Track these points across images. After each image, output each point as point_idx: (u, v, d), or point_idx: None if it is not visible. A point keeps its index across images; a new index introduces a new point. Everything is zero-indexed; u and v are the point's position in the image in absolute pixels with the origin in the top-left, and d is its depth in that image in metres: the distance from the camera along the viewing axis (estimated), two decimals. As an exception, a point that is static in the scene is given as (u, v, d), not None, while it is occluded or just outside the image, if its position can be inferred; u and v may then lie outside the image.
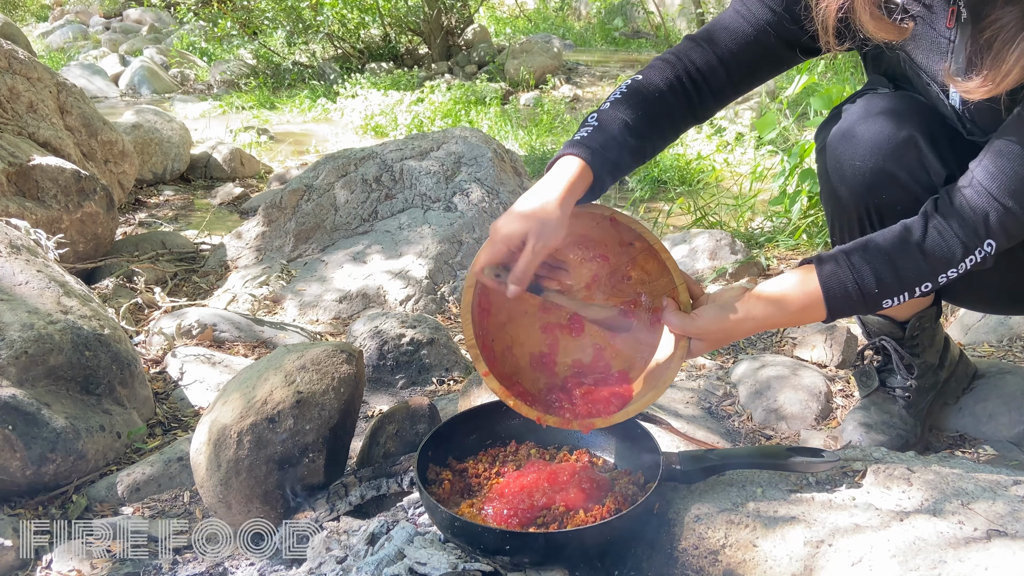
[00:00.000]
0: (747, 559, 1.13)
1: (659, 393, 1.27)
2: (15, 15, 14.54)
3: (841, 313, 1.24)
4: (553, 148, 5.61)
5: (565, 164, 1.23)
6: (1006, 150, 1.16)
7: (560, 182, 1.21)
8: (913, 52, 1.30)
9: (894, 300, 1.22)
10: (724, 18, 1.37)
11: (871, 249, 1.21)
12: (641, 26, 11.82)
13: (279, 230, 3.24)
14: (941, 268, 1.20)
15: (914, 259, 1.19)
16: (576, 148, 1.24)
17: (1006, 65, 1.08)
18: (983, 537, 1.05)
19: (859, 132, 1.35)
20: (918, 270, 1.20)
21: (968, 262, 1.20)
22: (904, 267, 1.20)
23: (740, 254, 2.98)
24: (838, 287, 1.21)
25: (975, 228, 1.18)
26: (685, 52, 1.37)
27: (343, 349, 1.57)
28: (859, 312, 1.27)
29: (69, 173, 2.95)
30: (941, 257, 1.19)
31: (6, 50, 3.31)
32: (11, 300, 1.85)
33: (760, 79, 1.41)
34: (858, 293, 1.21)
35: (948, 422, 1.78)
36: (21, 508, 1.65)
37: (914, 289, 1.21)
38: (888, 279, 1.20)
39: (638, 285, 1.40)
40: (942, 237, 1.19)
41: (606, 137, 1.27)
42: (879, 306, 1.23)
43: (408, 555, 1.15)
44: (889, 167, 1.32)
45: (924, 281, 1.21)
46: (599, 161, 1.24)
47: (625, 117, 1.30)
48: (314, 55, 9.56)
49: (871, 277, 1.20)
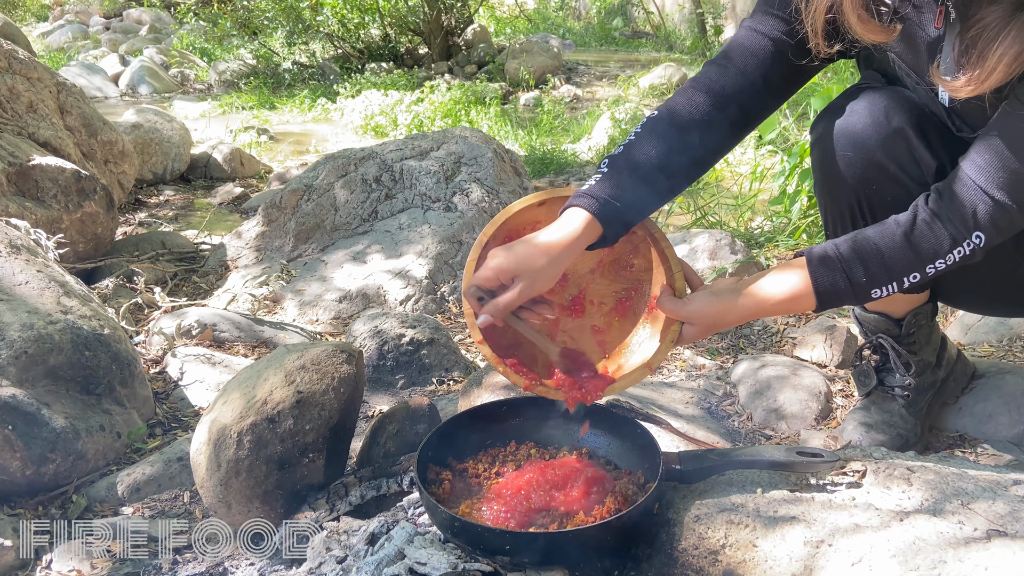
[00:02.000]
0: (747, 559, 1.13)
1: (643, 373, 1.31)
2: (15, 15, 14.54)
3: (831, 302, 1.26)
4: (553, 148, 5.62)
5: (571, 216, 1.25)
6: (993, 145, 1.17)
7: (562, 236, 1.23)
8: (902, 53, 1.31)
9: (883, 291, 1.24)
10: (739, 38, 1.37)
11: (860, 240, 1.24)
12: (641, 26, 11.83)
13: (279, 230, 3.24)
14: (929, 259, 1.21)
15: (902, 250, 1.22)
16: (583, 199, 1.26)
17: (989, 63, 1.09)
18: (983, 537, 1.05)
19: (850, 124, 1.37)
20: (906, 261, 1.22)
21: (956, 254, 1.21)
22: (892, 258, 1.22)
23: (740, 254, 2.97)
24: (827, 276, 1.24)
25: (963, 221, 1.19)
26: (708, 76, 1.36)
27: (343, 349, 1.57)
28: (849, 302, 1.29)
29: (69, 173, 2.95)
30: (929, 249, 1.21)
31: (6, 50, 3.31)
32: (11, 300, 1.85)
33: (787, 92, 1.40)
34: (847, 282, 1.23)
35: (948, 422, 1.78)
36: (21, 508, 1.65)
37: (903, 280, 1.23)
38: (876, 270, 1.22)
39: (640, 273, 1.45)
40: (930, 229, 1.21)
41: (616, 185, 1.27)
42: (868, 297, 1.25)
43: (408, 555, 1.15)
44: (879, 159, 1.34)
45: (912, 272, 1.22)
46: (609, 211, 1.25)
47: (647, 153, 1.31)
48: (314, 55, 9.56)
49: (859, 267, 1.22)
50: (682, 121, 1.33)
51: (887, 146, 1.33)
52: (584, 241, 1.25)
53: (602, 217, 1.25)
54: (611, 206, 1.25)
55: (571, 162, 5.29)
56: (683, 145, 1.32)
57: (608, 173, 1.29)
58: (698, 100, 1.34)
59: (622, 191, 1.27)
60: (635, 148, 1.31)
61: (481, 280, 1.24)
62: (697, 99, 1.34)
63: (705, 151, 1.36)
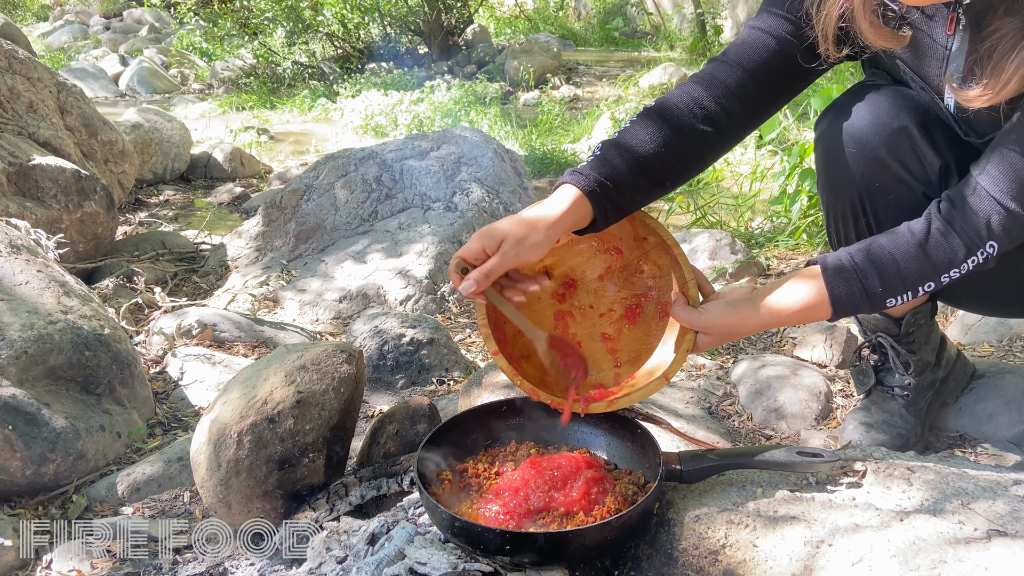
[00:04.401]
0: (747, 559, 1.13)
1: (661, 384, 1.30)
2: (15, 15, 14.54)
3: (846, 312, 1.26)
4: (553, 148, 5.62)
5: (560, 192, 1.26)
6: (1008, 155, 1.17)
7: (553, 209, 1.24)
8: (910, 59, 1.31)
9: (898, 299, 1.24)
10: (744, 37, 1.36)
11: (874, 250, 1.24)
12: (640, 26, 11.83)
13: (279, 230, 3.24)
14: (944, 269, 1.22)
15: (917, 260, 1.22)
16: (573, 177, 1.26)
17: (1005, 75, 1.10)
18: (983, 537, 1.05)
19: (854, 122, 1.37)
20: (921, 271, 1.22)
21: (971, 263, 1.22)
22: (908, 268, 1.22)
23: (740, 254, 2.98)
24: (843, 287, 1.23)
25: (977, 230, 1.20)
26: (711, 73, 1.35)
27: (343, 349, 1.57)
28: (863, 311, 1.28)
29: (69, 173, 2.95)
30: (944, 258, 1.21)
31: (6, 50, 3.31)
32: (11, 300, 1.85)
33: (790, 92, 1.39)
34: (862, 292, 1.23)
35: (948, 422, 1.78)
36: (21, 508, 1.65)
37: (917, 288, 1.23)
38: (892, 279, 1.22)
39: (649, 279, 1.44)
40: (945, 239, 1.21)
41: (607, 165, 1.27)
42: (883, 305, 1.25)
43: (408, 555, 1.15)
44: (882, 156, 1.35)
45: (927, 281, 1.23)
46: (598, 190, 1.25)
47: (640, 139, 1.29)
48: (314, 55, 9.56)
49: (875, 277, 1.22)
50: (678, 111, 1.31)
51: (890, 144, 1.34)
52: (572, 217, 1.24)
53: (591, 194, 1.24)
54: (602, 185, 1.25)
55: (571, 162, 5.29)
56: (678, 134, 1.30)
57: (600, 155, 1.28)
58: (696, 93, 1.32)
59: (613, 171, 1.26)
60: (628, 133, 1.31)
61: (466, 252, 1.23)
62: (695, 92, 1.33)
63: (702, 144, 1.34)
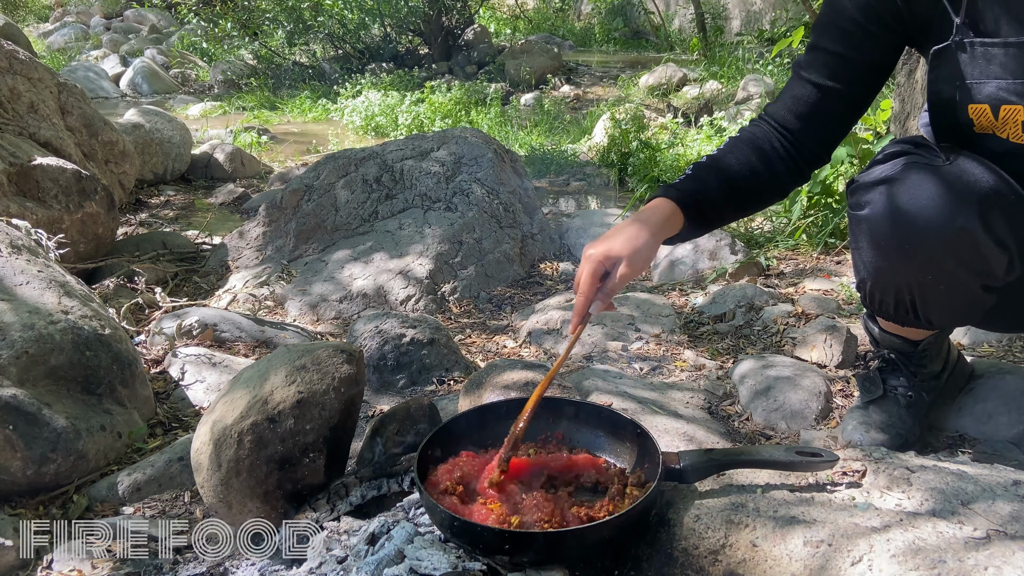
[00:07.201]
0: (747, 559, 1.13)
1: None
2: (16, 15, 14.55)
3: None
4: (553, 148, 5.62)
5: (658, 204, 1.35)
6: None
7: (655, 220, 1.32)
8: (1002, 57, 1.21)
9: None
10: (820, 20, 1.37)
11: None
12: (641, 26, 11.83)
13: (280, 230, 3.24)
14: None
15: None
16: (668, 191, 1.37)
17: None
18: (983, 537, 1.05)
19: (908, 216, 1.27)
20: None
21: None
22: None
23: (740, 254, 2.98)
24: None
25: None
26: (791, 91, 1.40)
27: (344, 349, 1.57)
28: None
29: (70, 173, 2.95)
30: None
31: (7, 50, 3.32)
32: (12, 300, 1.85)
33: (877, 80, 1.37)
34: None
35: (948, 422, 1.78)
36: (22, 508, 1.65)
37: None
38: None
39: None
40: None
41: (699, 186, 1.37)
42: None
43: (408, 555, 1.15)
44: (939, 256, 1.27)
45: None
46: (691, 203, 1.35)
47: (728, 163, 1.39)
48: (314, 55, 9.57)
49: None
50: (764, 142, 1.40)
51: (950, 246, 1.25)
52: (670, 227, 1.34)
53: (684, 207, 1.34)
54: (693, 198, 1.36)
55: (571, 162, 5.29)
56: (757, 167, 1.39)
57: (692, 174, 1.39)
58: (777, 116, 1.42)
59: (706, 188, 1.37)
60: (719, 158, 1.41)
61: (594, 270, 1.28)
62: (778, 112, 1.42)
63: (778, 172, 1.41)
